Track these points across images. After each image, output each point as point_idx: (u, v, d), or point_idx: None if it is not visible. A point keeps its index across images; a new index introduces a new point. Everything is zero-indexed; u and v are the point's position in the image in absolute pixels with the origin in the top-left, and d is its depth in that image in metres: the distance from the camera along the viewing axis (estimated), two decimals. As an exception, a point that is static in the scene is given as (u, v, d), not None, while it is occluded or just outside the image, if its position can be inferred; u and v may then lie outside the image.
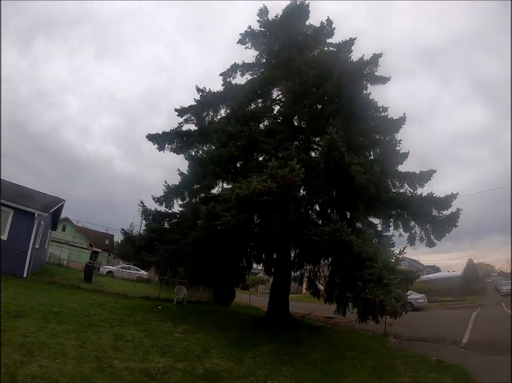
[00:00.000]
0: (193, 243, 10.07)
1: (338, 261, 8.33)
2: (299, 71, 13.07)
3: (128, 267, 28.57)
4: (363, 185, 8.69)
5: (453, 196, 12.41)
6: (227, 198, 7.85)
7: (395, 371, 7.57)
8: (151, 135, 14.52)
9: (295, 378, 6.56)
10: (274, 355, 8.13)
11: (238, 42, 17.33)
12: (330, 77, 11.69)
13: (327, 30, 15.73)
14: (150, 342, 7.72)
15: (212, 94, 14.93)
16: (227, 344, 8.69)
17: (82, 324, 8.17)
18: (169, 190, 14.17)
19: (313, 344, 9.84)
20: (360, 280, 7.54)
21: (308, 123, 12.25)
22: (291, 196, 7.33)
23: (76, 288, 14.76)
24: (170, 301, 15.82)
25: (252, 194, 7.20)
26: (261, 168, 11.20)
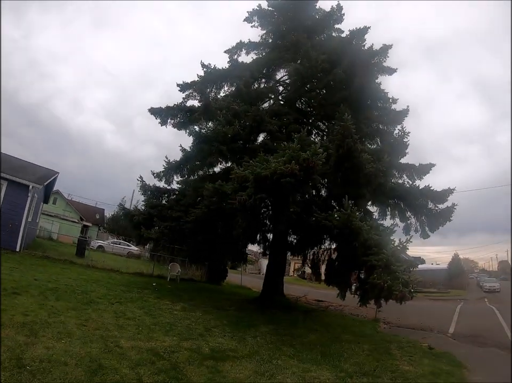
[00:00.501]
0: (195, 221, 9.72)
1: (345, 247, 8.19)
2: (308, 55, 12.58)
3: (118, 242, 28.04)
4: (373, 174, 8.46)
5: (449, 190, 12.36)
6: (242, 177, 7.47)
7: (391, 355, 7.66)
8: (153, 109, 13.84)
9: (297, 358, 6.52)
10: (274, 335, 8.06)
11: (245, 20, 16.66)
12: (340, 63, 11.22)
13: (336, 16, 15.15)
14: (152, 320, 7.44)
15: (216, 71, 14.28)
16: (227, 323, 8.53)
17: (81, 301, 7.78)
18: (169, 166, 13.66)
19: (309, 326, 9.80)
20: (366, 265, 7.49)
21: (315, 107, 11.81)
22: (312, 179, 7.03)
23: (70, 263, 14.20)
24: (163, 278, 15.52)
25: (272, 175, 6.89)
26: (267, 149, 10.93)
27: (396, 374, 6.29)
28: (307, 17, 15.40)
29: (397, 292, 6.66)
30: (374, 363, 6.85)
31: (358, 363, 6.72)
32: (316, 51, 12.55)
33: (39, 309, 6.41)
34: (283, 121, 11.82)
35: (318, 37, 14.81)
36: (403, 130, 9.41)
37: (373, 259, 7.27)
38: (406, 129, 10.16)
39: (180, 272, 16.02)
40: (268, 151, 10.59)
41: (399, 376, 6.18)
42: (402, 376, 6.20)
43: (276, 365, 5.94)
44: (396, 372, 6.38)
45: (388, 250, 7.36)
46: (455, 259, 43.93)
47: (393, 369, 6.54)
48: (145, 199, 13.46)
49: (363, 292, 8.17)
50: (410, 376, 6.23)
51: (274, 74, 14.54)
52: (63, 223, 28.80)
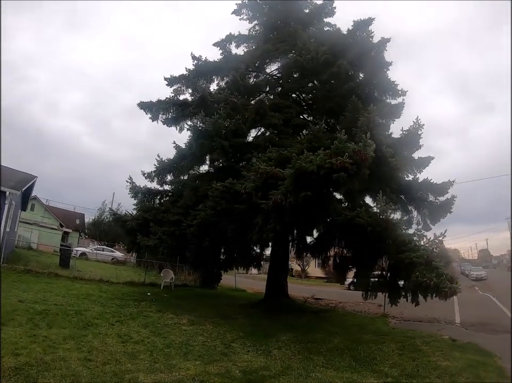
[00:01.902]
0: (200, 225, 8.55)
1: (377, 245, 7.42)
2: (306, 46, 11.68)
3: (101, 248, 25.95)
4: (395, 168, 7.68)
5: (450, 183, 11.85)
6: (268, 173, 6.41)
7: (422, 351, 7.14)
8: (144, 103, 12.40)
9: (332, 367, 5.91)
10: (297, 343, 7.25)
11: (233, 13, 15.59)
12: (345, 55, 10.36)
13: (327, 9, 14.39)
14: (163, 342, 6.28)
15: (208, 63, 13.06)
16: (243, 335, 7.51)
17: (77, 325, 6.43)
18: (161, 165, 12.34)
19: (327, 329, 8.97)
20: (403, 262, 6.77)
21: (318, 100, 10.89)
22: (362, 173, 6.11)
23: (55, 276, 12.42)
24: (156, 286, 14.13)
25: (319, 169, 5.88)
26: (273, 144, 9.89)
27: (439, 371, 5.93)
28: (298, 9, 14.53)
29: (446, 289, 6.24)
30: (411, 362, 6.41)
31: (397, 364, 6.26)
32: (315, 43, 11.71)
33: (31, 343, 5.06)
34: (286, 115, 10.82)
35: (312, 29, 13.89)
36: (418, 122, 8.65)
37: (412, 256, 6.58)
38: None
39: (174, 278, 14.73)
40: (274, 146, 9.60)
41: (443, 373, 5.82)
42: (445, 372, 5.86)
43: (317, 379, 5.29)
44: (438, 369, 6.02)
45: (429, 246, 6.82)
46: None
47: (433, 366, 6.18)
48: (136, 202, 12.00)
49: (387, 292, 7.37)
50: (452, 372, 5.84)
51: (270, 66, 13.52)
52: (42, 230, 26.03)
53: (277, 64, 13.90)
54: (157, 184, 12.55)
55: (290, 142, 9.43)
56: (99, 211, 39.85)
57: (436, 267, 6.60)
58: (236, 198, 7.45)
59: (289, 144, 9.55)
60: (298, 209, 6.20)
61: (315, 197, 6.06)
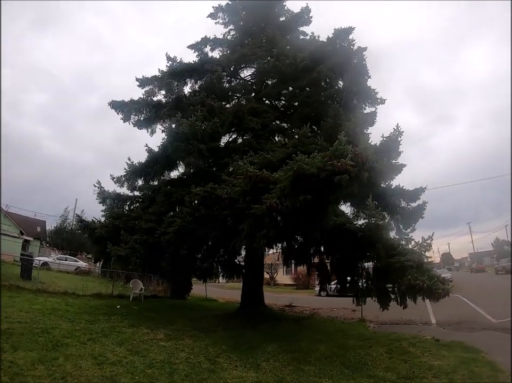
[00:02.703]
0: (177, 232, 7.93)
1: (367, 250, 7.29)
2: (284, 52, 11.56)
3: (64, 258, 24.00)
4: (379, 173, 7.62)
5: (421, 189, 12.20)
6: (258, 177, 6.00)
7: (411, 353, 7.05)
8: (115, 103, 11.57)
9: (325, 376, 5.74)
10: (283, 354, 6.96)
11: (209, 16, 15.31)
12: (324, 61, 10.29)
13: (304, 18, 14.44)
14: (143, 361, 5.68)
15: (183, 64, 12.52)
16: (226, 349, 7.07)
17: (45, 346, 5.60)
18: (132, 169, 11.54)
19: (310, 337, 8.68)
20: (394, 266, 6.76)
21: (297, 106, 10.71)
22: (362, 176, 5.88)
23: (17, 288, 11.06)
24: (125, 298, 13.18)
25: (320, 172, 5.56)
26: (252, 149, 9.54)
27: (434, 371, 5.84)
28: (275, 16, 14.48)
29: (439, 290, 6.27)
30: (403, 364, 6.34)
31: (390, 368, 6.17)
32: (293, 50, 11.61)
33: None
34: (264, 119, 10.53)
35: (288, 36, 13.83)
36: (398, 129, 8.68)
37: (403, 259, 6.59)
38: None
39: (143, 289, 13.84)
40: (253, 150, 9.25)
41: (438, 372, 5.79)
42: (440, 371, 5.77)
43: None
44: (432, 369, 5.91)
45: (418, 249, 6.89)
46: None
47: (426, 367, 6.05)
48: (105, 209, 11.10)
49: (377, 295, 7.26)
50: (447, 370, 5.82)
51: (246, 71, 13.27)
52: (2, 238, 23.44)
53: (253, 69, 13.70)
54: (127, 189, 11.73)
55: (270, 147, 9.16)
56: (62, 218, 37.18)
57: (427, 270, 6.65)
58: (217, 204, 6.97)
59: (269, 148, 9.28)
60: (295, 213, 5.87)
61: (315, 201, 5.78)
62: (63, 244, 33.47)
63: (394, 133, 8.99)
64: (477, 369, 5.73)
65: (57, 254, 29.08)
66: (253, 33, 14.26)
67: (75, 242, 32.85)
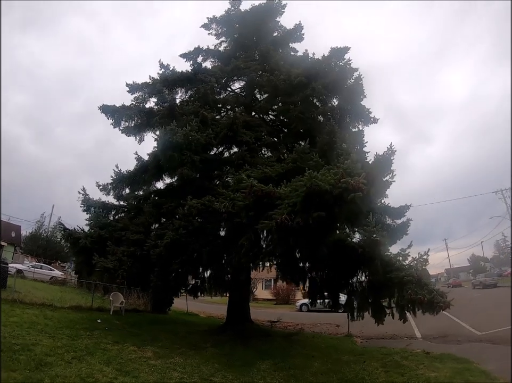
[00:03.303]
0: (169, 246, 7.65)
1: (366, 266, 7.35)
2: (278, 67, 11.66)
3: (39, 266, 22.71)
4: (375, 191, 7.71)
5: (406, 207, 12.47)
6: (262, 192, 5.89)
7: (406, 367, 7.19)
8: (106, 107, 11.23)
9: None
10: (278, 371, 6.92)
11: (202, 26, 15.35)
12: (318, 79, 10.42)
13: (296, 35, 14.71)
14: (135, 382, 5.30)
15: (176, 73, 12.39)
16: (219, 367, 6.87)
17: (27, 366, 5.15)
18: (119, 177, 11.19)
19: (302, 353, 8.66)
20: (392, 281, 6.91)
21: (290, 121, 10.74)
22: (371, 193, 5.91)
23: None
24: (105, 311, 12.55)
25: (333, 189, 5.53)
26: (245, 162, 9.46)
27: (432, 382, 6.03)
28: (268, 31, 14.64)
29: (440, 303, 6.38)
30: (401, 377, 6.49)
31: (388, 382, 6.31)
32: (287, 65, 11.73)
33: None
34: (257, 133, 10.51)
35: (281, 51, 13.99)
36: (391, 148, 8.85)
37: (402, 275, 6.73)
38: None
39: (124, 303, 13.31)
40: (247, 164, 9.17)
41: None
42: (438, 382, 5.99)
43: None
44: (430, 381, 6.10)
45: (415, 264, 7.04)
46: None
47: (424, 379, 6.22)
48: (89, 217, 10.61)
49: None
50: (444, 381, 6.01)
51: (239, 83, 13.27)
52: None
53: (243, 82, 13.74)
54: (113, 198, 11.31)
55: (264, 161, 9.11)
56: (37, 224, 35.42)
57: (426, 284, 6.80)
58: (214, 217, 6.80)
59: (262, 162, 9.24)
60: (304, 230, 5.81)
61: (325, 217, 5.75)
62: (38, 252, 31.75)
63: (387, 152, 9.16)
64: (472, 379, 5.90)
65: (30, 261, 27.50)
66: (245, 46, 14.40)
67: (50, 250, 31.31)
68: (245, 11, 14.44)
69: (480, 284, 34.21)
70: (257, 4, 14.47)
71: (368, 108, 10.69)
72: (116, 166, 10.93)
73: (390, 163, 9.47)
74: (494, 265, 52.34)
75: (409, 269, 6.89)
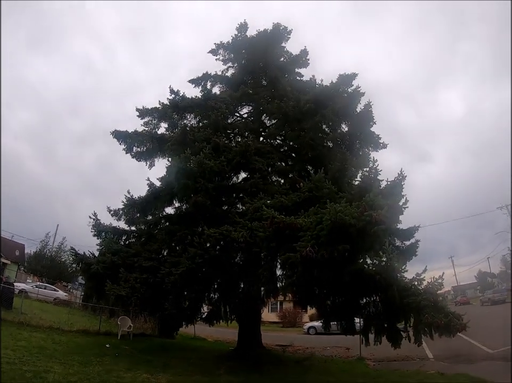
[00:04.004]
0: (184, 274, 7.73)
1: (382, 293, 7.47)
2: (287, 93, 11.97)
3: (43, 286, 22.60)
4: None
5: (415, 228, 12.52)
6: (290, 224, 6.06)
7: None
8: (119, 133, 11.55)
9: None
10: None
11: (209, 52, 15.79)
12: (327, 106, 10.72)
13: (302, 60, 15.13)
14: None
15: (186, 99, 12.72)
16: (237, 396, 6.82)
17: None
18: (130, 202, 11.34)
19: (318, 379, 8.73)
20: (410, 306, 7.00)
21: (301, 148, 10.96)
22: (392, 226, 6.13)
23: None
24: (112, 335, 12.59)
25: (358, 221, 5.73)
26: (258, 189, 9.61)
27: None
28: (275, 57, 15.04)
29: (457, 326, 6.48)
30: None
31: None
32: (295, 91, 12.03)
33: None
34: (268, 160, 10.73)
35: (287, 77, 14.37)
36: (401, 173, 9.04)
37: (419, 299, 6.80)
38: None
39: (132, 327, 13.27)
40: (260, 192, 9.31)
41: None
42: None
43: None
44: None
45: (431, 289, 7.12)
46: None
47: None
48: (100, 242, 10.72)
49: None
50: None
51: (248, 109, 13.58)
52: None
53: (250, 107, 14.04)
54: (124, 223, 11.43)
55: (278, 189, 9.27)
56: (42, 243, 35.32)
57: (442, 307, 6.90)
58: (231, 247, 6.92)
59: (276, 190, 9.39)
60: (328, 262, 5.95)
61: (350, 249, 5.91)
62: (42, 271, 31.56)
63: (398, 178, 9.35)
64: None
65: (33, 280, 27.29)
66: (252, 72, 14.79)
67: (54, 270, 31.17)
68: (251, 37, 14.81)
69: (488, 301, 33.79)
70: (263, 30, 14.98)
71: (378, 134, 10.94)
72: (128, 191, 11.16)
73: (401, 189, 9.65)
74: (502, 280, 51.72)
75: (425, 294, 6.99)
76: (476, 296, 48.62)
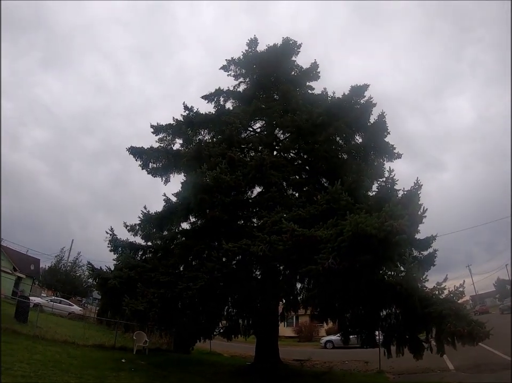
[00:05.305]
0: (203, 288, 7.72)
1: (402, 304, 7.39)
2: (299, 107, 12.07)
3: (58, 300, 22.78)
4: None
5: (432, 237, 12.31)
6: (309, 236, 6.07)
7: None
8: (134, 149, 11.79)
9: None
10: None
11: (221, 68, 16.14)
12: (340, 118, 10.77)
13: (312, 73, 15.30)
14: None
15: (200, 115, 12.97)
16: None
17: None
18: (146, 217, 11.46)
19: None
20: (431, 316, 6.91)
21: (315, 161, 11.00)
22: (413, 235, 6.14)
23: (12, 333, 10.38)
24: (128, 350, 12.57)
25: (379, 232, 5.75)
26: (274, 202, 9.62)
27: None
28: (286, 70, 15.26)
29: (480, 334, 6.41)
30: None
31: None
32: (307, 104, 12.13)
33: None
34: (283, 173, 10.76)
35: (299, 90, 14.50)
36: (417, 182, 8.93)
37: (440, 308, 6.75)
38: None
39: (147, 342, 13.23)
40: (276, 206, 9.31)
41: None
42: None
43: None
44: None
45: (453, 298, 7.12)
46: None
47: None
48: (117, 257, 10.82)
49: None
50: None
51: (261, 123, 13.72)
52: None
53: (263, 121, 14.17)
54: (141, 238, 11.53)
55: (294, 202, 9.26)
56: (57, 258, 35.80)
57: (464, 316, 6.84)
58: (250, 260, 6.91)
59: (293, 203, 9.38)
60: (350, 273, 5.94)
61: (372, 260, 5.91)
62: (57, 286, 31.89)
63: (414, 187, 9.25)
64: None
65: (47, 294, 27.52)
66: (264, 86, 15.00)
67: (69, 284, 31.45)
68: (262, 52, 15.10)
69: (508, 309, 32.73)
70: (273, 45, 15.25)
71: (392, 144, 10.91)
72: (144, 207, 11.33)
73: (418, 198, 9.55)
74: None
75: (446, 303, 6.93)
76: (495, 305, 47.09)
